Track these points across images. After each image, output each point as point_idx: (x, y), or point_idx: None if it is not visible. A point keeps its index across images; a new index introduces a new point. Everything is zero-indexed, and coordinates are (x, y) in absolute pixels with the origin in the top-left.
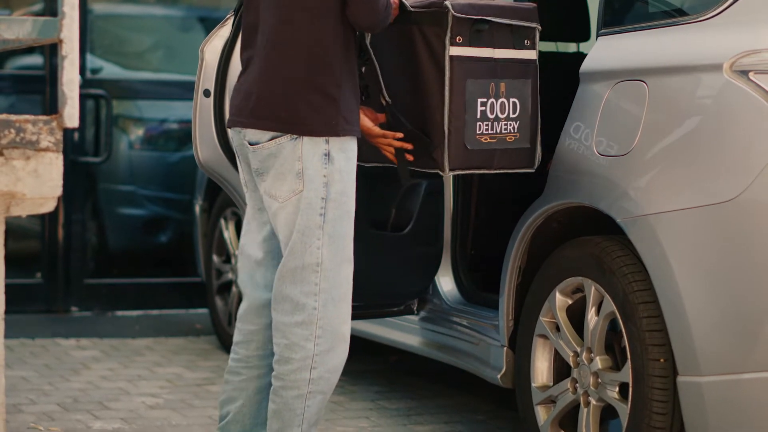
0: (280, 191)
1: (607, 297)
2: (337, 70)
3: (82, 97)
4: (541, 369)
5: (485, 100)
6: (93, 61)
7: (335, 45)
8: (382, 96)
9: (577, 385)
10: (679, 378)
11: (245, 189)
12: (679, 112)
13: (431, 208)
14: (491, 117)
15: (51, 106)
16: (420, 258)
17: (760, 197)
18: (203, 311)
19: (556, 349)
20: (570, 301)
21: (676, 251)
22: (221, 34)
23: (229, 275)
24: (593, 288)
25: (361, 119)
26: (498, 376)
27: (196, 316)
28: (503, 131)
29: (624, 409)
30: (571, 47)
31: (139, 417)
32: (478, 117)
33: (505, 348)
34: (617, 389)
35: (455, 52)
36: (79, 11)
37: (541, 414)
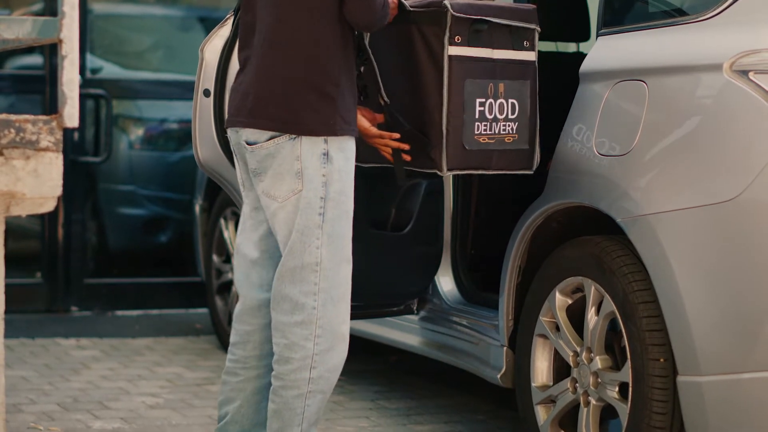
0: (279, 191)
1: (607, 297)
2: (336, 69)
3: (81, 97)
4: (541, 369)
5: (484, 100)
6: (93, 61)
7: (333, 44)
8: (380, 96)
9: (577, 385)
10: (679, 378)
11: (242, 188)
12: (679, 111)
13: (431, 207)
14: (490, 117)
15: (51, 105)
16: (420, 258)
17: (760, 197)
18: (203, 311)
19: (555, 349)
20: (570, 301)
21: (676, 251)
22: (221, 33)
23: (229, 275)
24: (593, 288)
25: (359, 119)
26: (498, 375)
27: (196, 315)
28: (502, 132)
29: (624, 409)
30: (571, 47)
31: (139, 417)
32: (476, 117)
33: (505, 348)
34: (617, 389)
35: (454, 51)
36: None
37: (541, 414)
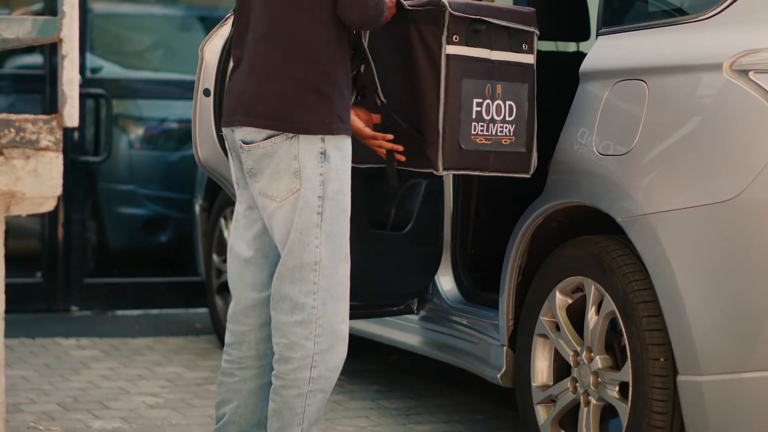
0: (277, 191)
1: (607, 296)
2: (333, 68)
3: (81, 97)
4: (541, 368)
5: (481, 100)
6: (93, 61)
7: (330, 43)
8: (377, 96)
9: (577, 385)
10: (679, 377)
11: (236, 187)
12: (679, 111)
13: (431, 207)
14: (487, 118)
15: (51, 105)
16: (420, 257)
17: (760, 196)
18: (203, 311)
19: (556, 349)
20: (570, 301)
21: (676, 251)
22: (221, 33)
23: None
24: (593, 287)
25: (353, 120)
26: (498, 375)
27: (196, 315)
28: (498, 133)
29: (624, 409)
30: (571, 46)
31: (139, 416)
32: (473, 117)
33: (505, 347)
34: (617, 388)
35: (451, 50)
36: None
37: (541, 413)
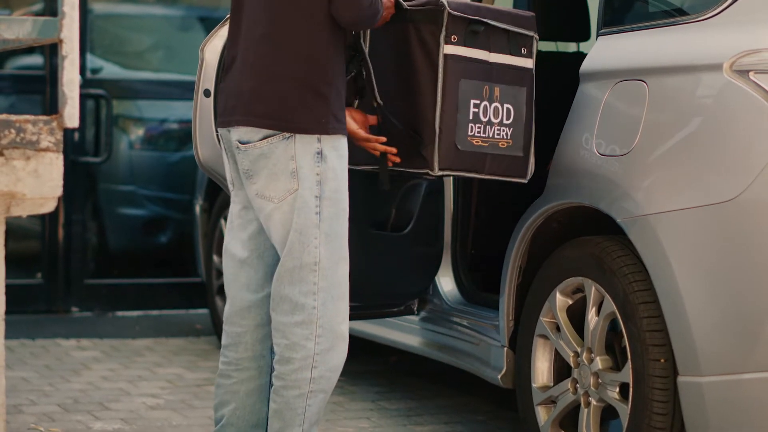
0: (274, 191)
1: (608, 297)
2: (329, 68)
3: (82, 97)
4: (542, 369)
5: (478, 102)
6: (93, 61)
7: (327, 43)
8: (373, 98)
9: (578, 386)
10: (680, 378)
11: (231, 187)
12: (680, 111)
13: (431, 208)
14: (484, 120)
15: (51, 106)
16: (420, 258)
17: (760, 197)
18: (203, 311)
19: (556, 350)
20: (570, 302)
21: (676, 251)
22: (221, 33)
23: None
24: (593, 288)
25: (348, 122)
26: (498, 376)
27: (196, 316)
28: (496, 136)
29: (624, 410)
30: (571, 47)
31: (140, 417)
32: (470, 118)
33: (506, 348)
34: (618, 389)
35: (449, 50)
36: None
37: (542, 414)
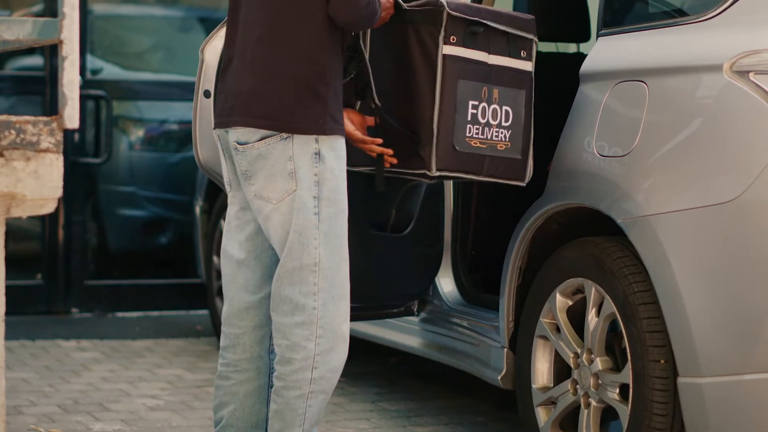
0: (273, 192)
1: (608, 298)
2: (327, 68)
3: (82, 98)
4: (542, 370)
5: (477, 103)
6: (93, 62)
7: (324, 43)
8: (371, 99)
9: (578, 387)
10: (680, 379)
11: (228, 188)
12: (680, 112)
13: (431, 208)
14: (482, 121)
15: (51, 107)
16: (420, 259)
17: (760, 198)
18: (203, 312)
19: (556, 351)
20: (570, 302)
21: (676, 252)
22: (221, 34)
23: None
24: (593, 289)
25: (345, 123)
26: (498, 377)
27: (196, 317)
28: (494, 138)
29: (624, 411)
30: (572, 47)
31: (140, 418)
32: (468, 119)
33: (506, 349)
34: (618, 390)
35: (448, 51)
36: (79, 12)
37: (542, 415)
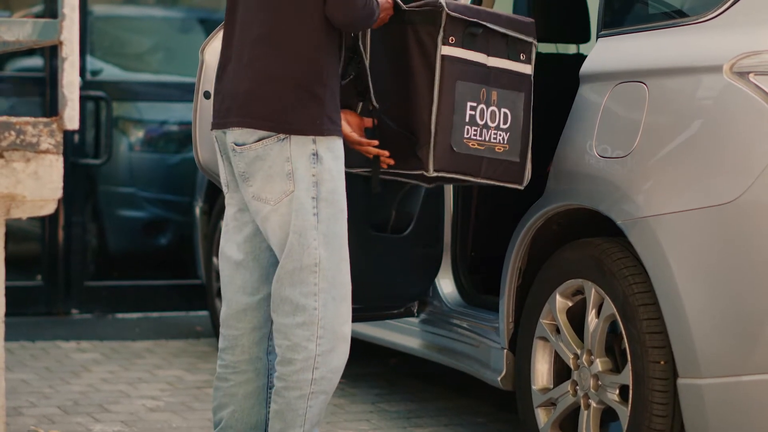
0: (271, 194)
1: (608, 299)
2: (323, 69)
3: (82, 99)
4: (542, 371)
5: (475, 104)
6: (93, 63)
7: (321, 44)
8: (369, 101)
9: (578, 388)
10: (680, 380)
11: (225, 189)
12: (679, 113)
13: (431, 209)
14: (480, 123)
15: (51, 108)
16: (420, 260)
17: (760, 199)
18: (203, 313)
19: (556, 352)
20: (570, 303)
21: (676, 253)
22: (221, 35)
23: None
24: (593, 290)
25: (342, 125)
26: (498, 378)
27: (196, 318)
28: (492, 140)
29: (624, 412)
30: (571, 48)
31: (140, 420)
32: (466, 120)
33: (506, 350)
34: (617, 391)
35: (447, 51)
36: (79, 13)
37: (542, 416)
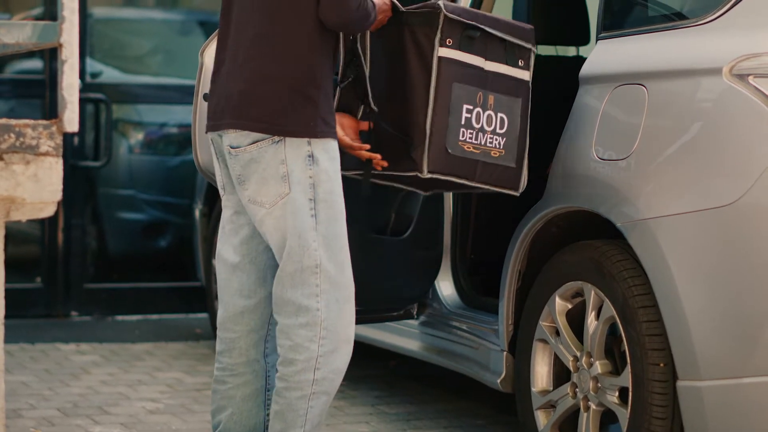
0: (266, 197)
1: (607, 301)
2: (318, 71)
3: (81, 102)
4: (541, 373)
5: (471, 107)
6: (93, 65)
7: (316, 46)
8: (367, 103)
9: (577, 390)
10: (679, 382)
11: (222, 192)
12: (679, 115)
13: (431, 212)
14: (476, 126)
15: (51, 110)
16: (420, 262)
17: (760, 201)
18: (203, 316)
19: (555, 354)
20: (570, 306)
21: (675, 255)
22: None
23: None
24: (593, 292)
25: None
26: (498, 380)
27: (196, 320)
28: (488, 144)
29: (624, 414)
30: (571, 51)
31: (139, 422)
32: (462, 123)
33: (505, 352)
34: (617, 394)
35: (444, 53)
36: (79, 15)
37: (541, 419)
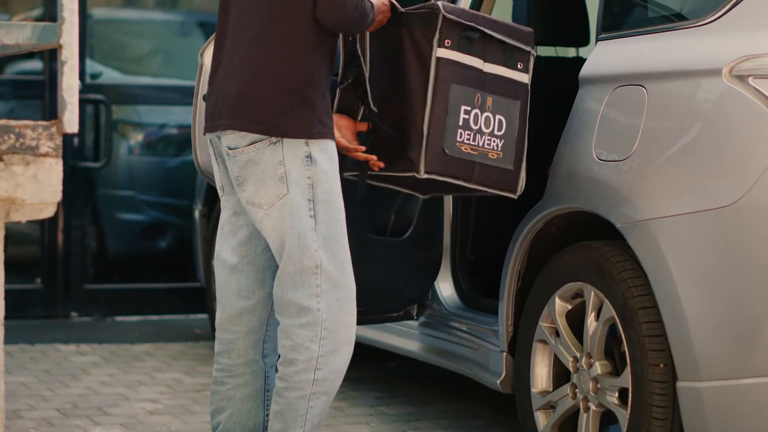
0: (264, 198)
1: (607, 302)
2: (315, 72)
3: (81, 102)
4: (541, 374)
5: (469, 109)
6: (92, 66)
7: (313, 47)
8: (367, 104)
9: (577, 391)
10: (679, 383)
11: (221, 192)
12: (679, 116)
13: (431, 213)
14: (474, 128)
15: (50, 111)
16: (419, 263)
17: (759, 202)
18: (203, 316)
19: (555, 355)
20: (569, 307)
21: (675, 256)
22: None
23: None
24: (593, 293)
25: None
26: (498, 381)
27: (195, 321)
28: (486, 146)
29: (624, 415)
30: (571, 52)
31: (139, 422)
32: (459, 124)
33: (505, 353)
34: (617, 394)
35: (442, 54)
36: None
37: (541, 419)
